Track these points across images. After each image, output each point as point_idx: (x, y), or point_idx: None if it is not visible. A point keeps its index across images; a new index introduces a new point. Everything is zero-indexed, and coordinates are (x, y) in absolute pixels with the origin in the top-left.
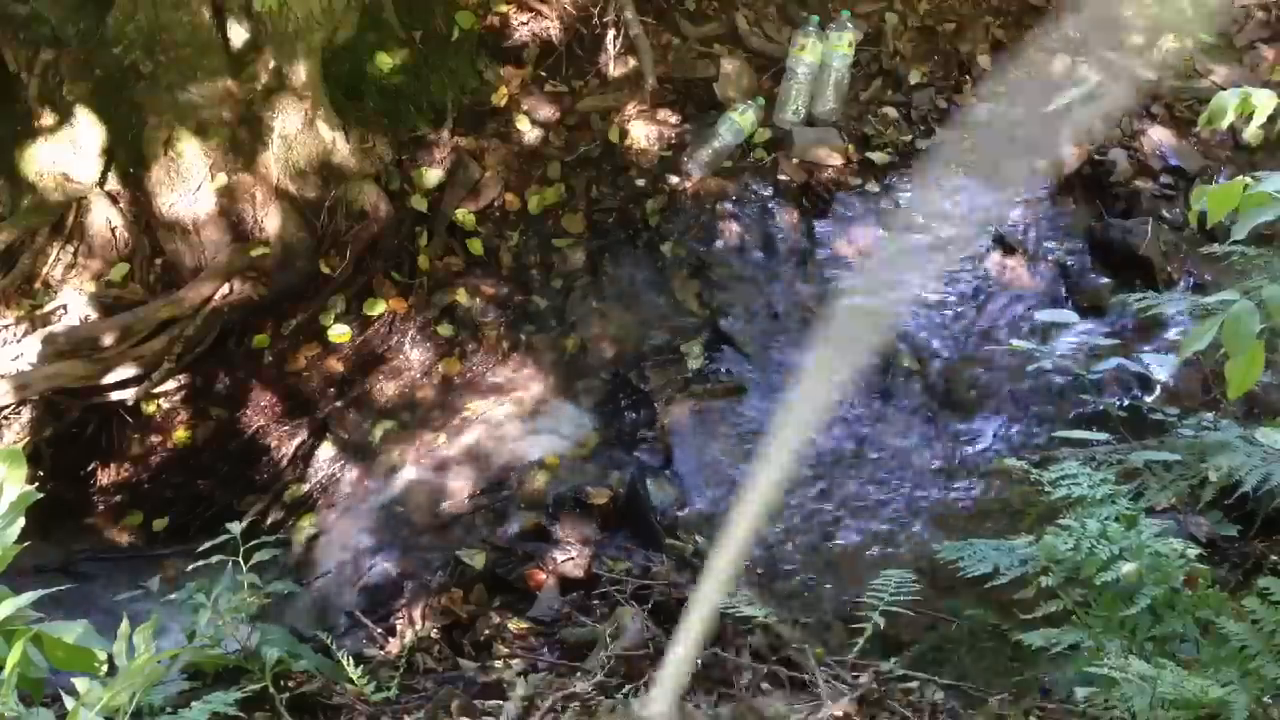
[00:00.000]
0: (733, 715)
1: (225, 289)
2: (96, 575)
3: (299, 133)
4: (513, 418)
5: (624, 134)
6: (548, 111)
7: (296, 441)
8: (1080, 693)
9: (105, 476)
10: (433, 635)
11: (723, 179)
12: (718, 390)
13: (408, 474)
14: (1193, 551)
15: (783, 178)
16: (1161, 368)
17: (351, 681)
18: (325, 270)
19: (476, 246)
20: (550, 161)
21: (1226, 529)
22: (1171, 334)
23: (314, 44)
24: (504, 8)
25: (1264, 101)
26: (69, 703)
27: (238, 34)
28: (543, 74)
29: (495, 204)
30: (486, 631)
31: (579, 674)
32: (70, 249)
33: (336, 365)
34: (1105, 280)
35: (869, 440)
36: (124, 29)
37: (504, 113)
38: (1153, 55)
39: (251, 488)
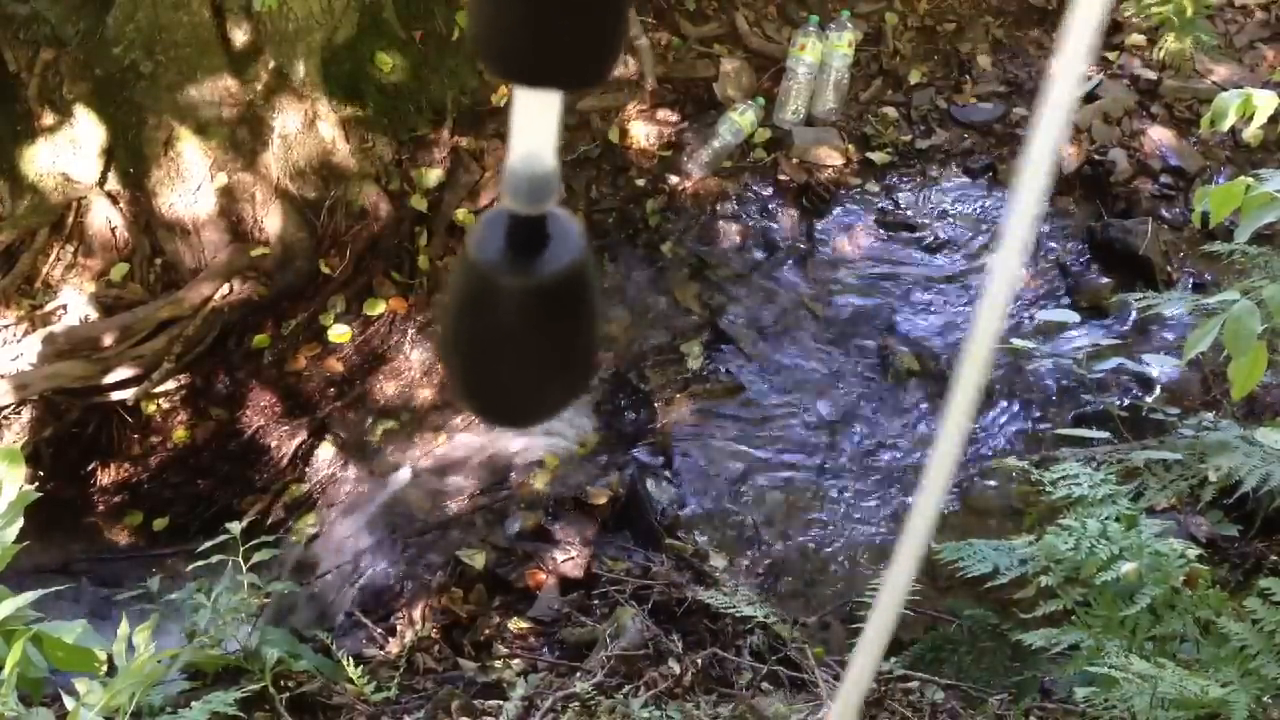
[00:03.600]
0: (733, 715)
1: (225, 289)
2: (96, 575)
3: (299, 133)
4: None
5: (624, 134)
6: None
7: (296, 441)
8: (1080, 693)
9: (105, 476)
10: (433, 635)
11: (723, 179)
12: (718, 390)
13: (408, 474)
14: (1193, 551)
15: (783, 178)
16: (1161, 368)
17: (351, 681)
18: (325, 270)
19: None
20: None
21: (1226, 529)
22: (1171, 334)
23: (314, 44)
24: None
25: (1265, 102)
26: (69, 703)
27: (238, 34)
28: None
29: (495, 204)
30: (486, 631)
31: (579, 674)
32: (70, 249)
33: (336, 365)
34: (1105, 280)
35: (869, 439)
36: (124, 29)
37: (504, 113)
38: (1153, 55)
39: (251, 488)
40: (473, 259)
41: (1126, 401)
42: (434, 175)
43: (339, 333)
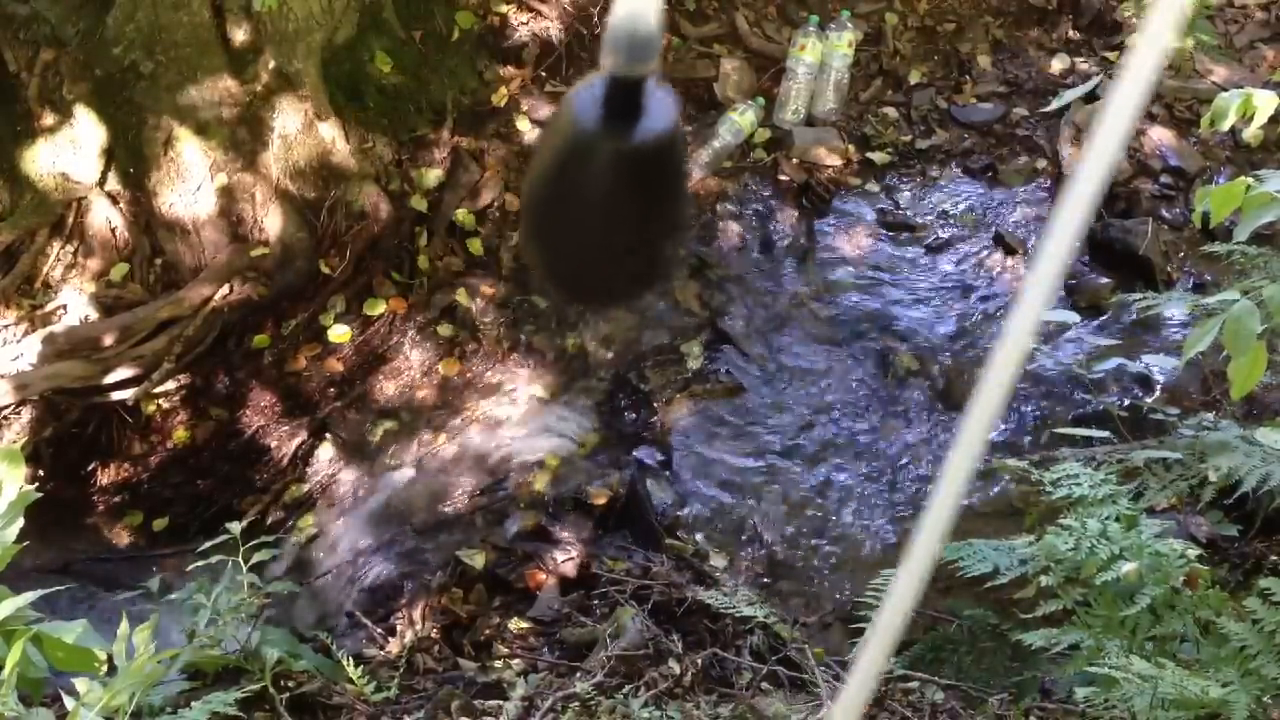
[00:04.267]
0: (733, 715)
1: (225, 289)
2: (96, 575)
3: (299, 133)
4: (513, 418)
5: None
6: (547, 111)
7: (296, 441)
8: (1080, 693)
9: (105, 476)
10: (433, 635)
11: (723, 179)
12: (718, 390)
13: (408, 474)
14: (1193, 551)
15: (783, 178)
16: (1161, 368)
17: (351, 681)
18: (325, 270)
19: (476, 246)
20: None
21: (1226, 529)
22: (1171, 334)
23: (314, 44)
24: (504, 8)
25: (1265, 102)
26: (69, 703)
27: (238, 34)
28: (543, 74)
29: (495, 204)
30: (486, 631)
31: (579, 674)
32: (70, 249)
33: (336, 365)
34: (1105, 280)
35: (869, 439)
36: (124, 29)
37: (504, 113)
38: None
39: (251, 488)
40: (568, 120)
41: (1126, 401)
42: (434, 175)
43: (339, 333)
